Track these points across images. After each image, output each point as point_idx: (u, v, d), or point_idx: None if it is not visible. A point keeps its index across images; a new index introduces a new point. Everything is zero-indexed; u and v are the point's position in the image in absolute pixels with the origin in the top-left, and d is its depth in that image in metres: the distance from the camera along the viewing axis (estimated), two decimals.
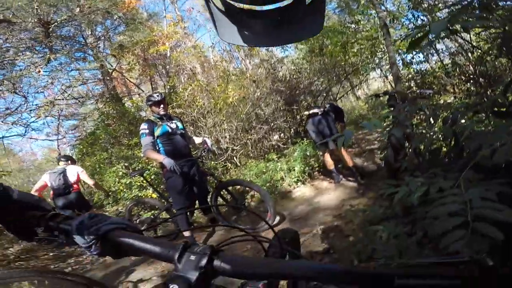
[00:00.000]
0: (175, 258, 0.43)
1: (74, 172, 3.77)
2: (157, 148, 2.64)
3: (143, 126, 2.62)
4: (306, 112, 3.73)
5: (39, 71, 6.95)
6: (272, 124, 5.10)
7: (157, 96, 2.68)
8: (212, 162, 4.71)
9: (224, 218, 3.31)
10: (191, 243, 0.46)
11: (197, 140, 3.02)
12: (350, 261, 1.96)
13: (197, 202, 2.88)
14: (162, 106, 2.67)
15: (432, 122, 1.89)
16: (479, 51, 4.93)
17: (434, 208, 1.25)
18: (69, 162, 3.93)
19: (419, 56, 6.82)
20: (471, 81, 5.22)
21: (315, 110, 3.63)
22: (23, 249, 4.44)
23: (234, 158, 4.77)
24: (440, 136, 1.81)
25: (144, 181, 4.27)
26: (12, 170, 10.92)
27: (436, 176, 1.50)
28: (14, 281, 1.23)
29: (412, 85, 6.34)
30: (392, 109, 2.54)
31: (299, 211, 3.36)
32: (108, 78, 7.67)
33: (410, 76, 6.59)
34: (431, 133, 1.76)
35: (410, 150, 2.34)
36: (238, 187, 4.08)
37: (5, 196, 0.53)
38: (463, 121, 1.66)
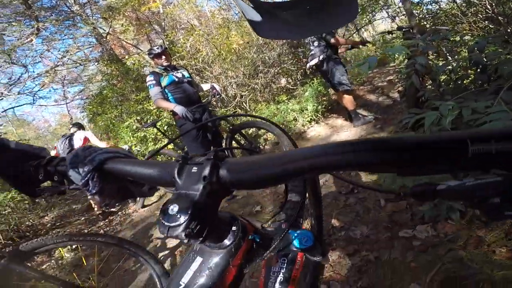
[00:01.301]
0: (175, 174, 0.35)
1: (81, 137, 3.74)
2: (167, 97, 2.65)
3: (149, 78, 2.63)
4: (308, 65, 3.44)
5: (32, 40, 6.92)
6: (278, 68, 4.96)
7: (157, 48, 2.69)
8: (222, 109, 4.70)
9: None
10: (193, 155, 0.37)
11: (205, 86, 3.01)
12: (376, 200, 1.88)
13: (212, 148, 2.88)
14: (164, 57, 2.67)
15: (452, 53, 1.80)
16: None
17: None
18: (79, 128, 3.88)
19: None
20: (489, 20, 5.04)
21: (314, 61, 3.28)
22: (56, 216, 4.63)
23: (243, 103, 4.74)
24: (463, 65, 1.71)
25: (159, 133, 4.32)
26: (30, 138, 11.29)
27: (466, 100, 1.40)
28: (52, 247, 1.30)
29: (424, 23, 6.05)
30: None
31: None
32: (104, 39, 7.44)
33: (421, 16, 6.25)
34: (455, 63, 1.68)
35: (430, 81, 2.25)
36: (252, 130, 4.09)
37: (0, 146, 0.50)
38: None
